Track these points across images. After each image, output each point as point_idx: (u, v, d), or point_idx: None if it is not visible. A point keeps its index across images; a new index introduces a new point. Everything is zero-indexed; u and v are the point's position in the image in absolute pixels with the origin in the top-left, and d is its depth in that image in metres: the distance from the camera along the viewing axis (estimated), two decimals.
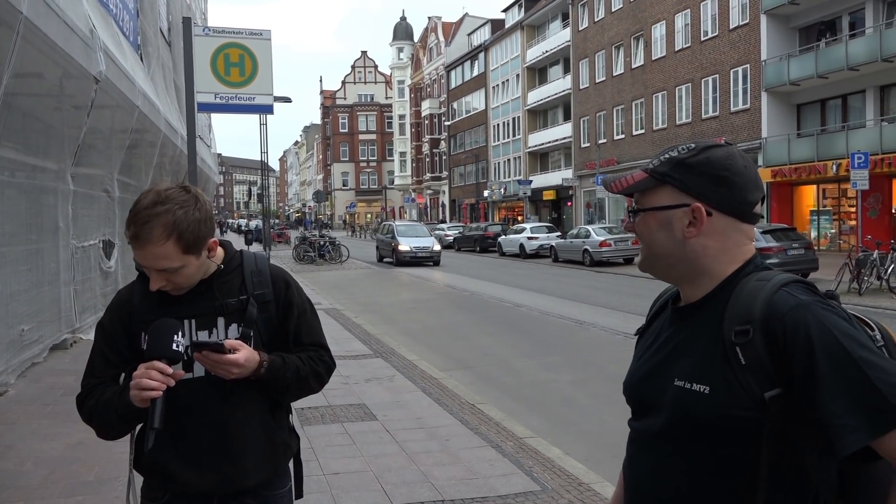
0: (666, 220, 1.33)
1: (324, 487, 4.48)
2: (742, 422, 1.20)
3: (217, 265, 1.89)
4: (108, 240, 11.12)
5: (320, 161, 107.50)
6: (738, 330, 1.22)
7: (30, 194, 7.79)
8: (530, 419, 6.37)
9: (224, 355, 1.71)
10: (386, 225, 31.56)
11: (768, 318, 1.20)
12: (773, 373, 1.19)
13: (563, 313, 13.23)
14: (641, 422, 1.38)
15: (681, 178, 1.32)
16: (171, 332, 1.74)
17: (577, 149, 41.17)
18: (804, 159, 25.02)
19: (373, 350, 9.32)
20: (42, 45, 6.33)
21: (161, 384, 1.67)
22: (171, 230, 1.71)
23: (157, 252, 1.72)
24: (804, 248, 17.23)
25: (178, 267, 1.76)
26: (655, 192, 1.34)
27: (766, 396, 1.18)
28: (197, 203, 1.77)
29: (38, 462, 4.94)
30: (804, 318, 1.18)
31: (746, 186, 1.32)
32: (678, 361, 1.31)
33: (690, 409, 1.25)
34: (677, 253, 1.33)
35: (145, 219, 1.70)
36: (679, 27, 31.83)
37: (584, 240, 25.22)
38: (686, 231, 1.31)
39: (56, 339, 8.56)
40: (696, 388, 1.25)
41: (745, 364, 1.20)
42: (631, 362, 1.51)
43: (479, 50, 55.36)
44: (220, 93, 10.28)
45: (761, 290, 1.24)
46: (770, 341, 1.19)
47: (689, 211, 1.31)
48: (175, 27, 16.31)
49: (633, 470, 1.40)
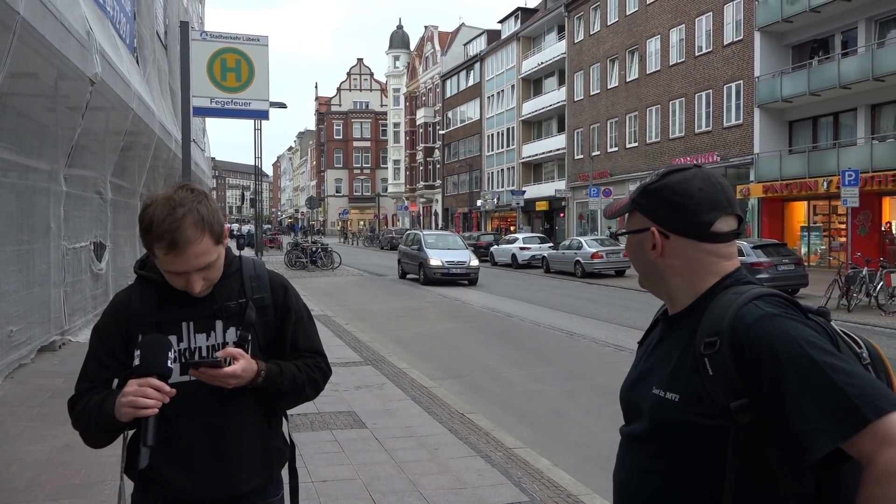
0: (638, 243, 1.45)
1: (312, 495, 4.46)
2: (708, 430, 1.25)
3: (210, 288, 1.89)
4: (100, 242, 11.07)
5: (314, 167, 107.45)
6: (706, 342, 1.28)
7: (22, 194, 7.76)
8: (520, 430, 6.36)
9: (221, 369, 1.71)
10: (411, 234, 25.61)
11: (735, 330, 1.26)
12: (740, 383, 1.23)
13: (554, 324, 13.24)
14: (629, 427, 1.45)
15: (644, 204, 1.43)
16: (166, 348, 1.73)
17: (571, 160, 41.31)
18: (795, 175, 25.19)
19: (363, 357, 9.30)
20: (38, 45, 6.32)
21: (157, 402, 1.66)
22: (203, 225, 1.73)
23: (198, 250, 1.73)
24: (794, 264, 17.33)
25: (215, 260, 1.79)
26: (631, 217, 1.47)
27: (732, 406, 1.23)
28: (207, 196, 1.80)
29: (23, 465, 4.90)
30: (768, 329, 1.22)
31: (698, 209, 1.37)
32: (658, 370, 1.39)
33: (663, 415, 1.32)
34: (651, 272, 1.45)
35: (174, 224, 1.69)
36: (674, 42, 32.05)
37: (575, 251, 25.28)
38: (650, 253, 1.42)
39: (45, 340, 8.51)
40: (668, 395, 1.32)
41: (712, 374, 1.26)
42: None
43: (475, 60, 55.56)
44: (216, 97, 10.29)
45: (732, 304, 1.30)
46: (736, 353, 1.24)
47: (650, 234, 1.41)
48: (172, 31, 16.31)
49: (618, 472, 1.47)
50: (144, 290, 1.87)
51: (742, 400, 1.22)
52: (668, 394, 1.31)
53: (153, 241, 1.72)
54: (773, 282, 16.25)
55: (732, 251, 1.42)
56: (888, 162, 22.04)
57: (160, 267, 1.79)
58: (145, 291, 1.87)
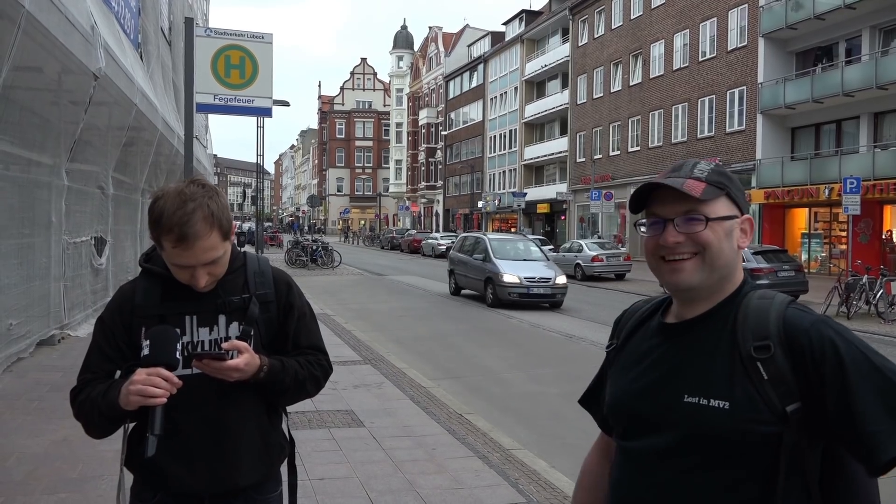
0: (730, 230, 1.34)
1: (309, 493, 4.46)
2: (762, 436, 1.21)
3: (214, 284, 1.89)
4: (101, 237, 11.08)
5: (316, 166, 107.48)
6: (757, 346, 1.24)
7: (23, 188, 7.76)
8: (517, 431, 6.36)
9: (224, 362, 1.72)
10: (471, 239, 19.28)
11: (790, 333, 1.24)
12: (795, 386, 1.22)
13: (554, 326, 13.24)
14: (639, 441, 1.34)
15: (733, 190, 1.36)
16: (174, 340, 1.75)
17: (573, 163, 41.32)
18: (797, 182, 25.19)
19: (362, 357, 9.30)
20: (43, 39, 6.33)
21: (165, 392, 1.67)
22: (212, 220, 1.74)
23: (206, 245, 1.73)
24: (794, 271, 17.33)
25: (222, 255, 1.80)
26: (716, 202, 1.33)
27: (788, 410, 1.21)
28: (217, 192, 1.81)
29: (21, 458, 4.90)
30: (827, 333, 1.22)
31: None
32: (684, 377, 1.30)
33: (708, 425, 1.24)
34: (732, 263, 1.35)
35: (184, 218, 1.70)
36: (678, 47, 32.07)
37: (576, 254, 25.28)
38: (741, 241, 1.36)
39: (44, 334, 8.51)
40: (715, 403, 1.24)
41: (766, 379, 1.22)
42: (610, 382, 1.48)
43: (479, 61, 55.59)
44: (219, 94, 10.29)
45: (770, 308, 1.28)
46: (794, 356, 1.22)
47: (741, 222, 1.35)
48: (176, 27, 16.32)
49: (631, 491, 1.36)
50: (149, 284, 1.88)
51: (797, 403, 1.21)
52: (712, 401, 1.24)
53: (162, 233, 1.72)
54: (772, 288, 16.12)
55: None
56: (890, 170, 22.04)
57: (167, 260, 1.80)
58: (150, 284, 1.88)
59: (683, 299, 1.37)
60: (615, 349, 1.50)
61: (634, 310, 1.52)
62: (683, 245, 1.32)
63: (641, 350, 1.41)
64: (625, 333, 1.49)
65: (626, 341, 1.47)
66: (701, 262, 1.32)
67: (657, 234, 1.34)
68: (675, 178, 1.34)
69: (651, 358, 1.37)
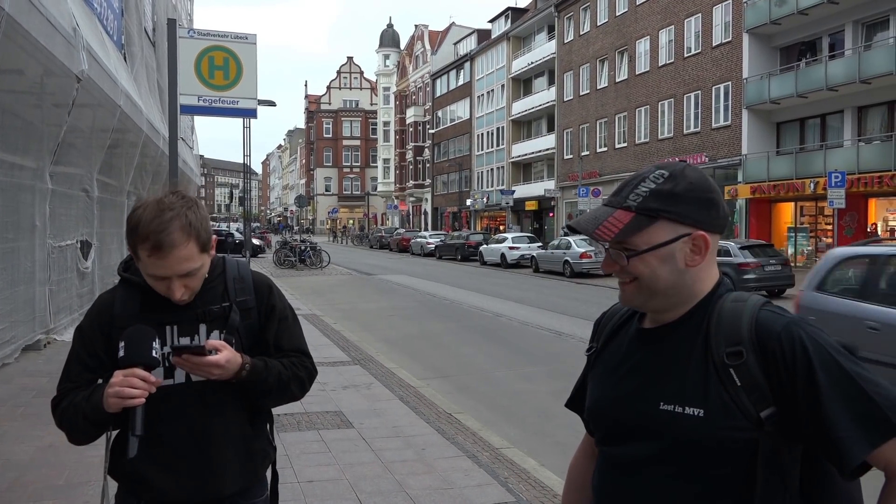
0: (668, 255, 1.28)
1: (298, 495, 4.45)
2: (738, 442, 1.21)
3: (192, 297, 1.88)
4: (86, 240, 11.00)
5: (303, 165, 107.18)
6: (729, 351, 1.23)
7: (7, 192, 7.69)
8: (507, 430, 6.37)
9: (204, 357, 1.70)
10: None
11: (762, 337, 1.22)
12: (768, 391, 1.21)
13: (543, 324, 13.26)
14: (620, 448, 1.34)
15: (674, 210, 1.27)
16: (149, 338, 1.73)
17: (560, 160, 41.42)
18: (783, 177, 25.37)
19: (351, 357, 9.28)
20: (24, 41, 6.27)
21: (143, 391, 1.66)
22: (189, 231, 1.72)
23: (182, 255, 1.71)
24: (781, 265, 17.44)
25: (198, 267, 1.77)
26: (649, 230, 1.28)
27: (762, 415, 1.20)
28: (197, 203, 1.79)
29: (7, 465, 4.86)
30: (798, 335, 1.21)
31: (722, 201, 1.33)
32: (660, 384, 1.29)
33: (684, 432, 1.24)
34: (678, 282, 1.30)
35: (161, 227, 1.68)
36: (663, 43, 32.19)
37: (565, 251, 25.34)
38: (689, 260, 1.29)
39: (29, 339, 8.44)
40: (690, 411, 1.23)
41: (740, 385, 1.21)
42: (590, 386, 1.47)
43: (465, 59, 55.58)
44: (204, 95, 10.23)
45: (743, 311, 1.26)
46: (766, 360, 1.21)
47: (690, 240, 1.28)
48: (160, 28, 16.21)
49: (612, 496, 1.36)
50: (128, 293, 1.86)
51: (771, 408, 1.20)
52: (687, 409, 1.23)
53: (138, 241, 1.71)
54: (759, 282, 16.35)
55: None
56: (874, 164, 22.23)
57: (143, 271, 1.78)
58: (128, 294, 1.86)
59: (658, 312, 1.36)
60: (595, 353, 1.49)
61: (613, 312, 1.51)
62: (621, 273, 1.33)
63: (620, 355, 1.40)
64: (604, 337, 1.48)
65: (605, 345, 1.46)
66: (639, 287, 1.31)
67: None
68: (596, 213, 1.32)
69: (628, 364, 1.36)
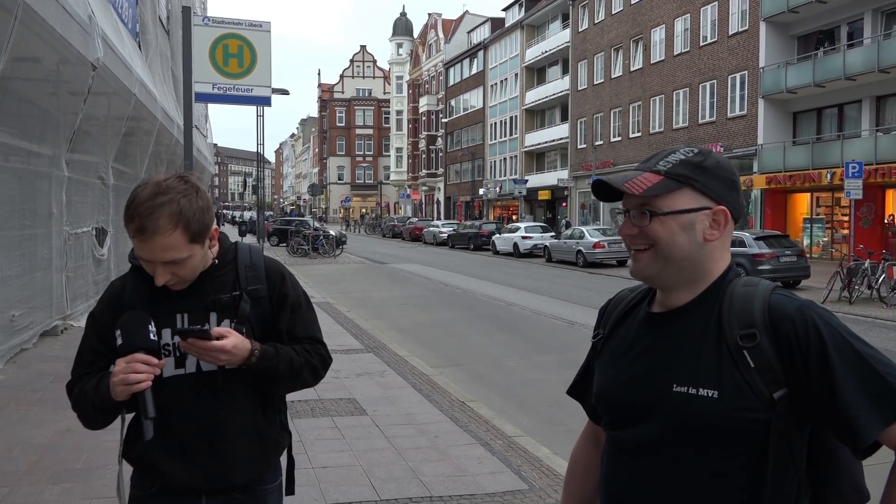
0: (689, 223, 1.30)
1: (312, 481, 4.48)
2: (752, 423, 1.23)
3: (212, 258, 1.87)
4: (102, 227, 11.09)
5: (316, 154, 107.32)
6: (742, 334, 1.25)
7: (24, 179, 7.76)
8: (520, 418, 6.38)
9: (211, 342, 1.70)
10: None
11: (775, 320, 1.24)
12: (781, 373, 1.23)
13: (556, 313, 13.25)
14: (629, 430, 1.34)
15: (701, 181, 1.31)
16: (145, 323, 1.73)
17: (574, 150, 41.22)
18: (799, 167, 25.13)
19: (364, 345, 9.32)
20: (40, 30, 6.30)
21: (148, 375, 1.67)
22: (178, 219, 1.69)
23: (165, 243, 1.69)
24: (796, 256, 17.30)
25: (185, 258, 1.74)
26: (675, 195, 1.31)
27: (775, 396, 1.22)
28: (198, 192, 1.75)
29: (26, 448, 4.93)
30: (811, 317, 1.23)
31: (742, 192, 1.37)
32: (673, 367, 1.30)
33: (697, 414, 1.25)
34: (694, 256, 1.31)
35: (149, 210, 1.67)
36: (678, 31, 31.89)
37: (577, 240, 25.26)
38: (708, 233, 1.31)
39: (47, 325, 8.53)
40: (704, 392, 1.25)
41: (753, 367, 1.23)
42: (597, 372, 1.47)
43: (479, 48, 55.34)
44: (218, 83, 10.28)
45: (755, 295, 1.28)
46: (780, 342, 1.23)
47: (711, 213, 1.31)
48: (174, 16, 16.24)
49: (622, 482, 1.36)
50: (138, 280, 1.86)
51: (784, 390, 1.22)
52: (701, 390, 1.24)
53: (127, 220, 1.71)
54: (774, 273, 16.23)
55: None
56: (892, 154, 21.96)
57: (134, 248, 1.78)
58: (139, 281, 1.85)
59: (657, 288, 1.39)
60: (602, 339, 1.49)
61: (620, 299, 1.51)
62: (638, 238, 1.34)
63: (628, 340, 1.40)
64: (611, 323, 1.48)
65: (612, 331, 1.47)
66: (654, 255, 1.32)
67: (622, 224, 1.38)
68: (625, 174, 1.34)
69: (638, 348, 1.37)
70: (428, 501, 4.26)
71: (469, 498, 4.32)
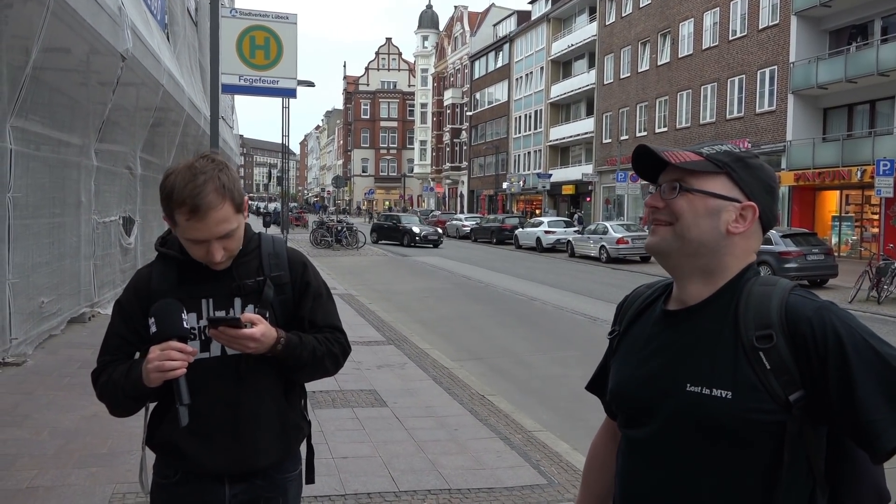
0: (715, 210, 1.29)
1: (332, 471, 4.52)
2: (766, 425, 1.20)
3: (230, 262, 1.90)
4: (129, 216, 11.23)
5: (341, 146, 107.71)
6: (759, 335, 1.22)
7: (54, 168, 7.88)
8: (539, 413, 6.38)
9: (241, 330, 1.73)
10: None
11: (792, 321, 1.21)
12: (797, 375, 1.20)
13: (578, 309, 13.20)
14: (641, 430, 1.33)
15: (741, 175, 1.31)
16: (178, 311, 1.76)
17: (599, 144, 40.94)
18: (828, 164, 24.72)
19: (385, 337, 9.36)
20: (71, 20, 6.39)
21: (183, 362, 1.70)
22: (223, 192, 1.75)
23: (219, 217, 1.74)
24: (824, 254, 17.05)
25: (235, 228, 1.80)
26: (710, 178, 1.30)
27: (791, 398, 1.20)
28: (227, 166, 1.82)
29: (53, 433, 5.02)
30: (830, 319, 1.20)
31: (777, 201, 1.36)
32: (686, 366, 1.28)
33: (710, 414, 1.23)
34: (712, 243, 1.30)
35: (196, 190, 1.72)
36: (707, 25, 31.48)
37: (601, 236, 25.11)
38: (732, 226, 1.29)
39: (74, 312, 8.67)
40: (717, 393, 1.23)
41: (769, 368, 1.21)
42: (612, 369, 1.46)
43: (504, 41, 55.10)
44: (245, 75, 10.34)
45: (772, 295, 1.25)
46: (797, 344, 1.20)
47: (740, 207, 1.30)
48: (202, 7, 16.36)
49: (637, 480, 1.35)
50: (165, 267, 1.89)
51: (800, 392, 1.20)
52: (714, 391, 1.22)
53: (175, 207, 1.74)
54: (801, 272, 16.02)
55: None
56: None
57: (180, 236, 1.80)
58: (166, 268, 1.89)
59: (668, 270, 1.36)
60: (617, 336, 1.48)
61: (637, 295, 1.50)
62: (661, 211, 1.33)
63: (643, 337, 1.39)
64: (627, 320, 1.47)
65: (628, 328, 1.46)
66: (673, 231, 1.31)
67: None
68: (671, 148, 1.35)
69: (653, 346, 1.36)
70: (447, 494, 4.28)
71: (488, 491, 4.33)
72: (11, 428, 5.10)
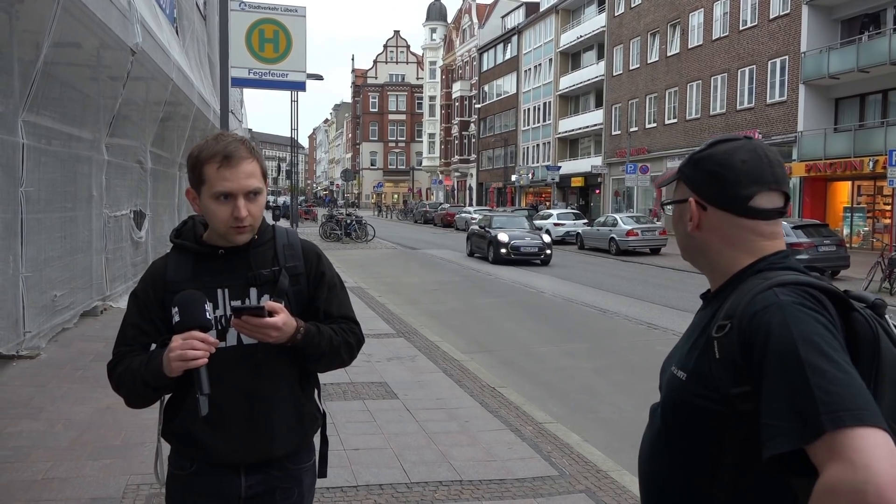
0: (679, 214, 1.41)
1: (344, 462, 4.54)
2: (710, 413, 1.23)
3: (252, 234, 1.92)
4: (140, 210, 11.28)
5: (349, 140, 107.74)
6: (719, 324, 1.25)
7: (65, 163, 7.92)
8: (550, 405, 6.38)
9: (264, 319, 1.74)
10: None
11: (747, 315, 1.20)
12: (744, 370, 1.18)
13: (587, 301, 13.18)
14: (656, 403, 1.46)
15: (688, 174, 1.38)
16: (202, 302, 1.77)
17: (608, 136, 40.78)
18: (840, 155, 24.54)
19: (395, 330, 9.38)
20: (81, 15, 6.41)
21: (205, 352, 1.72)
22: (251, 151, 1.84)
23: (249, 169, 1.81)
24: (836, 245, 16.95)
25: (261, 191, 1.86)
26: (678, 186, 1.42)
27: (732, 392, 1.19)
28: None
29: (67, 425, 5.07)
30: (769, 319, 1.16)
31: (738, 181, 1.31)
32: (681, 348, 1.38)
33: (672, 392, 1.33)
34: (690, 245, 1.41)
35: (228, 143, 1.81)
36: (717, 15, 31.26)
37: (610, 228, 25.05)
38: (687, 224, 1.38)
39: (87, 305, 8.73)
40: (679, 374, 1.32)
41: (719, 358, 1.22)
42: None
43: (513, 33, 54.89)
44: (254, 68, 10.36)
45: (755, 288, 1.24)
46: (743, 338, 1.19)
47: (688, 205, 1.37)
48: (211, 1, 16.37)
49: (642, 442, 1.47)
50: (180, 258, 1.91)
51: (744, 387, 1.17)
52: (678, 372, 1.31)
53: (205, 160, 1.79)
54: (813, 263, 15.92)
55: (775, 230, 1.34)
56: None
57: (207, 195, 1.81)
58: (181, 259, 1.91)
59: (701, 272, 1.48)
60: None
61: None
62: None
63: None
64: None
65: None
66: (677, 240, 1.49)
67: None
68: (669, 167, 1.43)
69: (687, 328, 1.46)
70: (458, 485, 4.29)
71: (499, 483, 4.34)
72: (26, 420, 5.14)
